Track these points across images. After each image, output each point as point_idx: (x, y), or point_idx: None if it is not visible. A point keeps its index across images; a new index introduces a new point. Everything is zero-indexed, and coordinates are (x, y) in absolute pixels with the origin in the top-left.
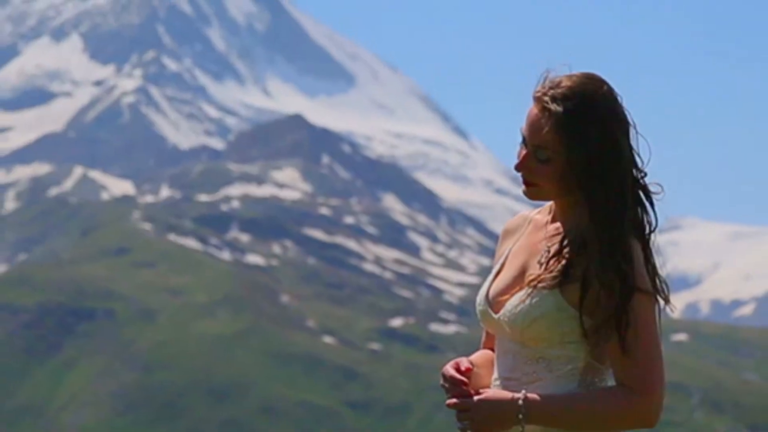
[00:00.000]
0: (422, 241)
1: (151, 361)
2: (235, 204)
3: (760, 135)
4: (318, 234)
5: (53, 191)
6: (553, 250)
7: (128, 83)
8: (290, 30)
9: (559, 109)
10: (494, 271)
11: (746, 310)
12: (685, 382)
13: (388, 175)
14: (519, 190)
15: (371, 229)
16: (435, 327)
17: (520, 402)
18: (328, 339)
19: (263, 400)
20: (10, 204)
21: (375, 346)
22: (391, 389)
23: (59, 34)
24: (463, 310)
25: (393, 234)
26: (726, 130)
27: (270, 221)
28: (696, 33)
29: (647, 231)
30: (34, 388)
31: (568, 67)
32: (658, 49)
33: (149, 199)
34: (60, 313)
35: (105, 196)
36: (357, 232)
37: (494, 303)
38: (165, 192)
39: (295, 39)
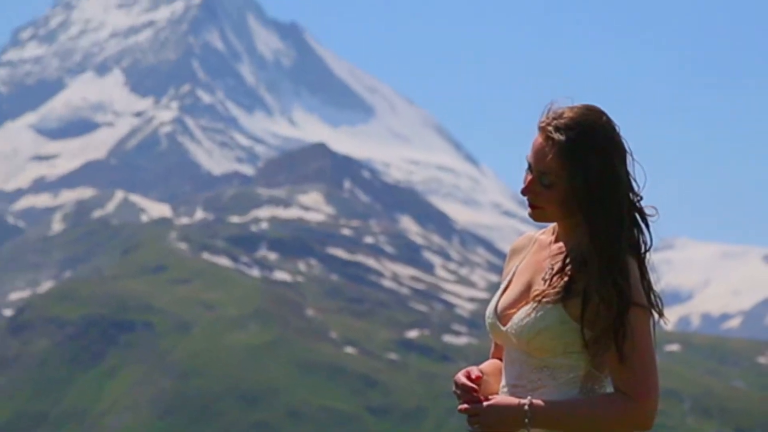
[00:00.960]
0: (436, 260)
1: (187, 370)
2: (264, 225)
3: (747, 161)
4: (340, 253)
5: (96, 214)
6: (556, 267)
7: (165, 114)
8: (314, 65)
9: (562, 138)
10: (502, 287)
11: (734, 323)
12: (678, 389)
13: (405, 199)
14: (525, 212)
15: (389, 249)
16: (448, 338)
17: (526, 407)
18: (349, 349)
19: (290, 405)
20: (57, 225)
21: (393, 355)
22: (408, 396)
23: (102, 69)
24: (474, 322)
25: (409, 253)
26: (716, 157)
27: (296, 241)
28: (685, 68)
29: (643, 250)
30: (79, 395)
31: (570, 99)
32: (652, 87)
33: (185, 220)
34: (103, 326)
35: (144, 218)
36: (376, 251)
37: (502, 316)
38: (199, 214)
39: (319, 73)
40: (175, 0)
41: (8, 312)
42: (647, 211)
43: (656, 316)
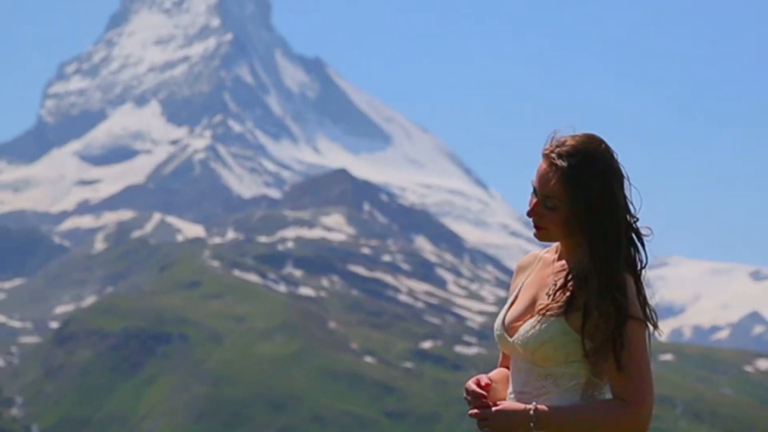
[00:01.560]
0: (448, 276)
1: (219, 378)
2: (290, 244)
3: (735, 185)
4: (360, 270)
5: (136, 234)
6: (559, 283)
7: (199, 142)
8: (337, 97)
9: (564, 164)
10: (509, 301)
11: (722, 334)
12: (671, 395)
13: (419, 220)
14: (530, 233)
15: (405, 266)
16: (459, 349)
17: (532, 412)
18: (368, 359)
19: (314, 410)
20: (99, 245)
21: (408, 364)
22: (422, 401)
23: (141, 101)
24: (483, 334)
25: (423, 270)
26: (706, 182)
27: (319, 259)
28: (676, 103)
29: (639, 267)
30: (120, 401)
31: (571, 128)
32: (647, 118)
33: (217, 240)
34: (142, 337)
35: (179, 238)
36: (393, 268)
37: (509, 328)
38: (230, 234)
39: (341, 105)
40: (208, 37)
41: (55, 325)
42: (643, 231)
43: (651, 328)
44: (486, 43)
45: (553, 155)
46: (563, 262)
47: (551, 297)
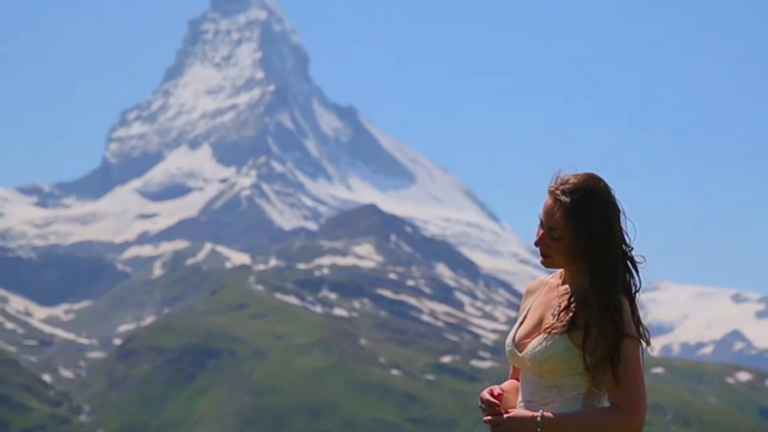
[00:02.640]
0: (465, 299)
1: (263, 389)
2: (326, 271)
3: (720, 217)
4: (388, 293)
5: (189, 261)
6: (563, 305)
7: (246, 181)
8: (367, 141)
9: (567, 200)
10: (519, 321)
11: (707, 350)
12: (662, 403)
13: (440, 250)
14: (538, 260)
15: (427, 290)
16: (475, 363)
17: (539, 419)
18: (395, 371)
19: (346, 417)
20: (158, 271)
21: (430, 377)
22: (442, 409)
23: (194, 144)
24: (496, 350)
25: (443, 293)
26: (693, 215)
27: (352, 284)
28: (667, 144)
29: (633, 291)
30: (175, 409)
31: (574, 167)
32: (641, 159)
33: (261, 267)
34: (194, 353)
35: (228, 265)
36: (417, 291)
37: (519, 345)
38: (273, 262)
39: (371, 148)
40: (253, 88)
41: (118, 341)
42: (637, 258)
43: (644, 344)
44: (497, 95)
45: (558, 192)
46: (567, 286)
47: (556, 317)
